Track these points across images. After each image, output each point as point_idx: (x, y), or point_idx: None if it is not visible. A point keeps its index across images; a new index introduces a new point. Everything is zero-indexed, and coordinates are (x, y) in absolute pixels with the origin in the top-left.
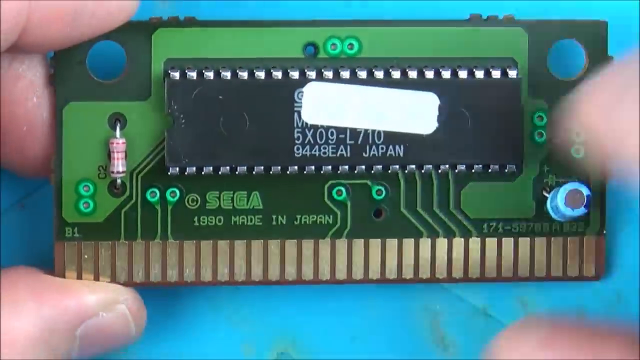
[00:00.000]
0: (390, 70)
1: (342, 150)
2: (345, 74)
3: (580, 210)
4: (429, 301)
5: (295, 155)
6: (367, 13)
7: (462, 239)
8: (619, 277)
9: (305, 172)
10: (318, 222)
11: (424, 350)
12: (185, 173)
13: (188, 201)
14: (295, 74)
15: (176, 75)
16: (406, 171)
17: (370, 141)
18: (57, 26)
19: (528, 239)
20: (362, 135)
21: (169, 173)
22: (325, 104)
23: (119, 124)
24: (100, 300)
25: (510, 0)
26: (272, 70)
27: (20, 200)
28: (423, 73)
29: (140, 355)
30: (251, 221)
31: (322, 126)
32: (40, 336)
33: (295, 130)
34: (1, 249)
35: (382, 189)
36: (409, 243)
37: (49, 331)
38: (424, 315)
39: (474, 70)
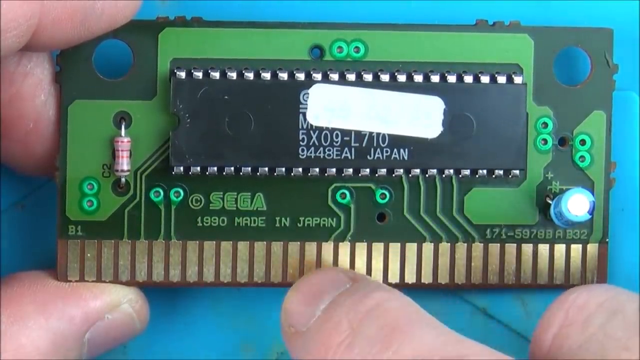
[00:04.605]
0: (396, 73)
1: (346, 153)
2: (351, 77)
3: (585, 216)
4: (429, 300)
5: (300, 156)
6: (373, 16)
7: (465, 244)
8: (621, 285)
9: (309, 174)
10: (321, 224)
11: None
12: (190, 173)
13: (192, 201)
14: (301, 76)
15: (182, 74)
16: (410, 175)
17: (374, 144)
18: (67, 26)
19: (531, 245)
20: (366, 138)
21: (173, 173)
22: (331, 106)
23: (124, 123)
24: (104, 304)
25: (516, 7)
26: (277, 72)
27: (21, 200)
28: (428, 77)
29: (140, 355)
30: (254, 222)
31: (327, 128)
32: (50, 349)
33: (300, 132)
34: (1, 249)
35: (386, 192)
36: (411, 247)
37: (58, 343)
38: None
39: (480, 75)
